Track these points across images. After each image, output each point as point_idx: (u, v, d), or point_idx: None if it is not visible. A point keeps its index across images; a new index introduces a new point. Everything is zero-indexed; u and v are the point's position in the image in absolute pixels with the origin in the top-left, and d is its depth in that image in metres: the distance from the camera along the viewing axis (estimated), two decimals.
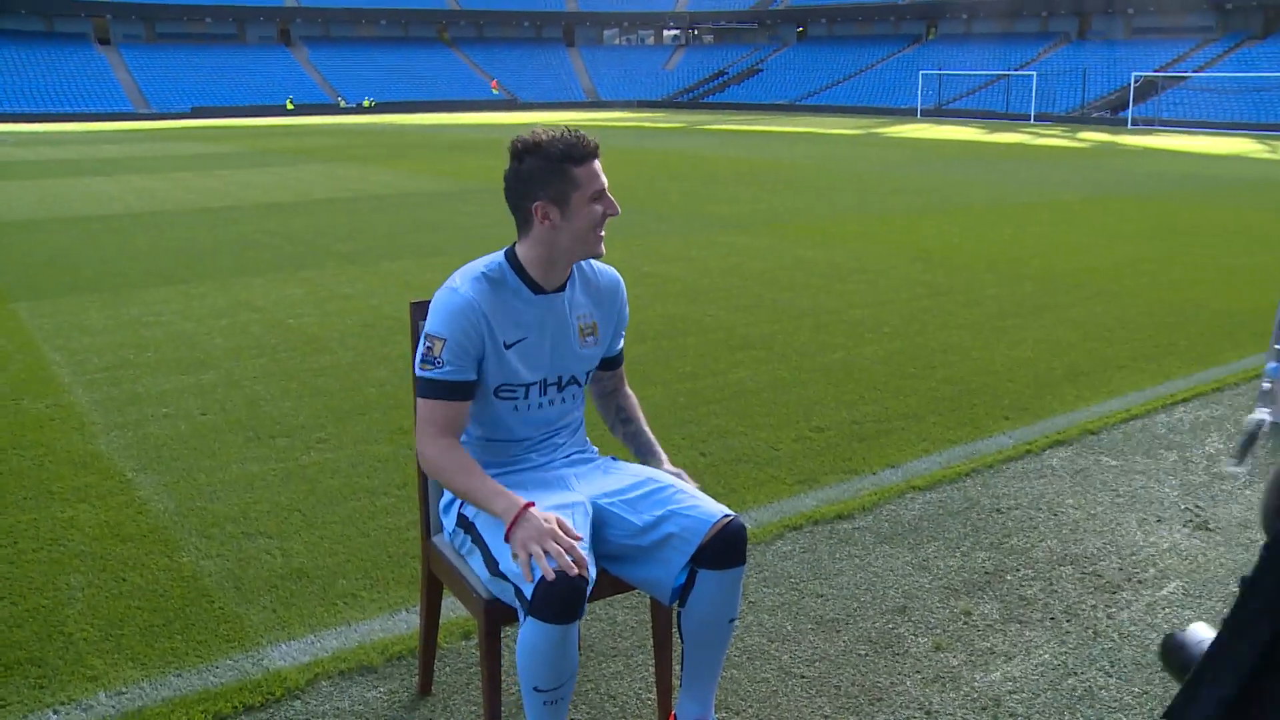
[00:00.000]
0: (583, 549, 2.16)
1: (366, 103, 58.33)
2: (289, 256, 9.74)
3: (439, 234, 11.30)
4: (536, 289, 2.35)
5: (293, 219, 12.61)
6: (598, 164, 2.28)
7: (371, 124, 43.35)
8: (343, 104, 58.36)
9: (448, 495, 2.49)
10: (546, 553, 2.08)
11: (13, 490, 4.08)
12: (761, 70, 67.49)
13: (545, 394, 2.41)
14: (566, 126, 2.30)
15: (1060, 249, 10.11)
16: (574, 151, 2.24)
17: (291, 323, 6.96)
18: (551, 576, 2.05)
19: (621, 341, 2.58)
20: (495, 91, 63.37)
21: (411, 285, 8.27)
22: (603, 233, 2.32)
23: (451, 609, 3.08)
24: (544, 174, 2.25)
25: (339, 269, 9.05)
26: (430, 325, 2.29)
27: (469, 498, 2.27)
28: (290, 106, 56.00)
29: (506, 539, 2.15)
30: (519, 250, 2.35)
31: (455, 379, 2.28)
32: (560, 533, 2.12)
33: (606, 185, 2.30)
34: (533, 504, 2.18)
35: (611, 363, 2.58)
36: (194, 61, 60.03)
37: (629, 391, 2.65)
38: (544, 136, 2.26)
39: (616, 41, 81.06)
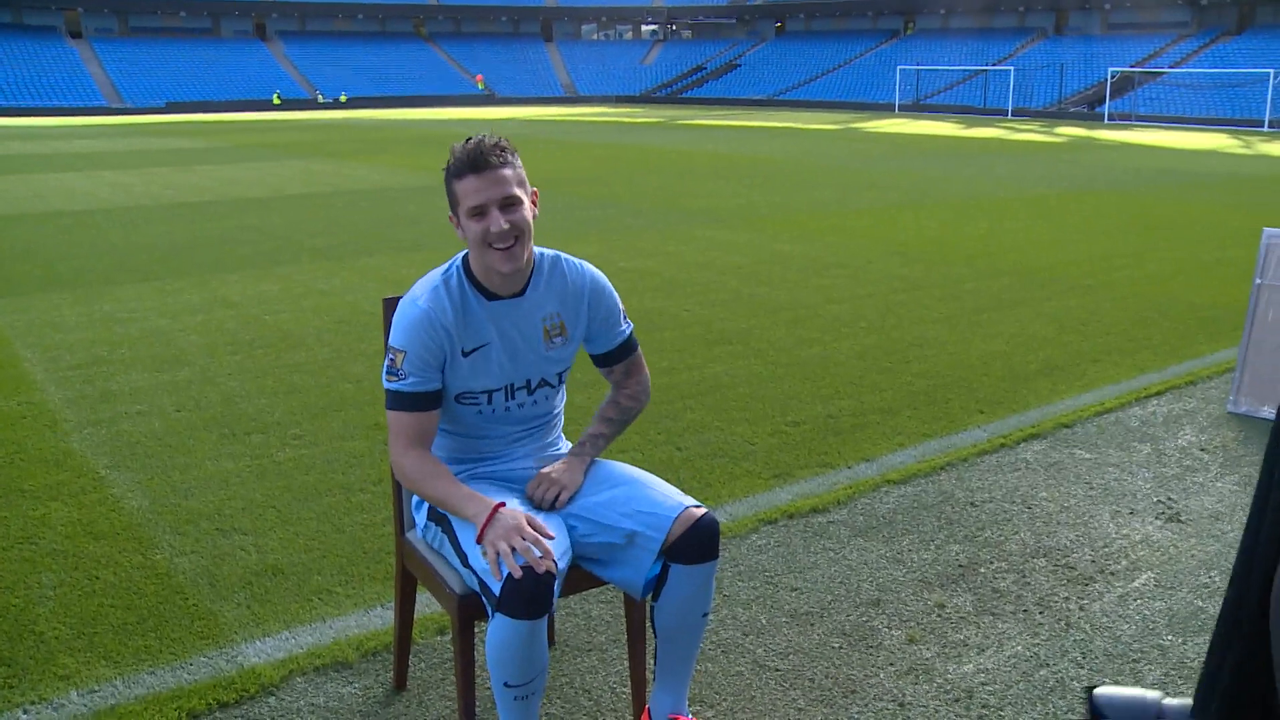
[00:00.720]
0: (553, 546, 2.17)
1: (341, 98, 58.04)
2: (265, 252, 9.69)
3: (416, 228, 11.27)
4: (490, 295, 2.33)
5: (269, 214, 12.55)
6: (479, 179, 2.21)
7: (348, 119, 43.14)
8: (321, 99, 58.06)
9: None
10: (515, 550, 2.08)
11: None
12: (739, 65, 67.54)
13: (513, 398, 2.40)
14: (482, 136, 2.27)
15: (1036, 243, 10.17)
16: (458, 166, 2.24)
17: (267, 319, 6.94)
18: (519, 574, 2.05)
19: (619, 338, 2.51)
20: (480, 86, 63.14)
21: (388, 280, 8.25)
22: (500, 247, 2.23)
23: (426, 604, 3.09)
24: (446, 187, 2.30)
25: (315, 265, 9.02)
26: (392, 338, 2.31)
27: (443, 504, 2.28)
28: (277, 101, 55.63)
29: (479, 541, 2.16)
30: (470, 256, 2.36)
31: (419, 390, 2.29)
32: (529, 529, 2.13)
33: (494, 199, 2.22)
34: (504, 504, 2.19)
35: (607, 359, 2.52)
36: (168, 56, 59.50)
37: (632, 392, 2.55)
38: (453, 148, 2.28)
39: (594, 36, 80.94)
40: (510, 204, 2.23)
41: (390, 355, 2.30)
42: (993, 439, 4.63)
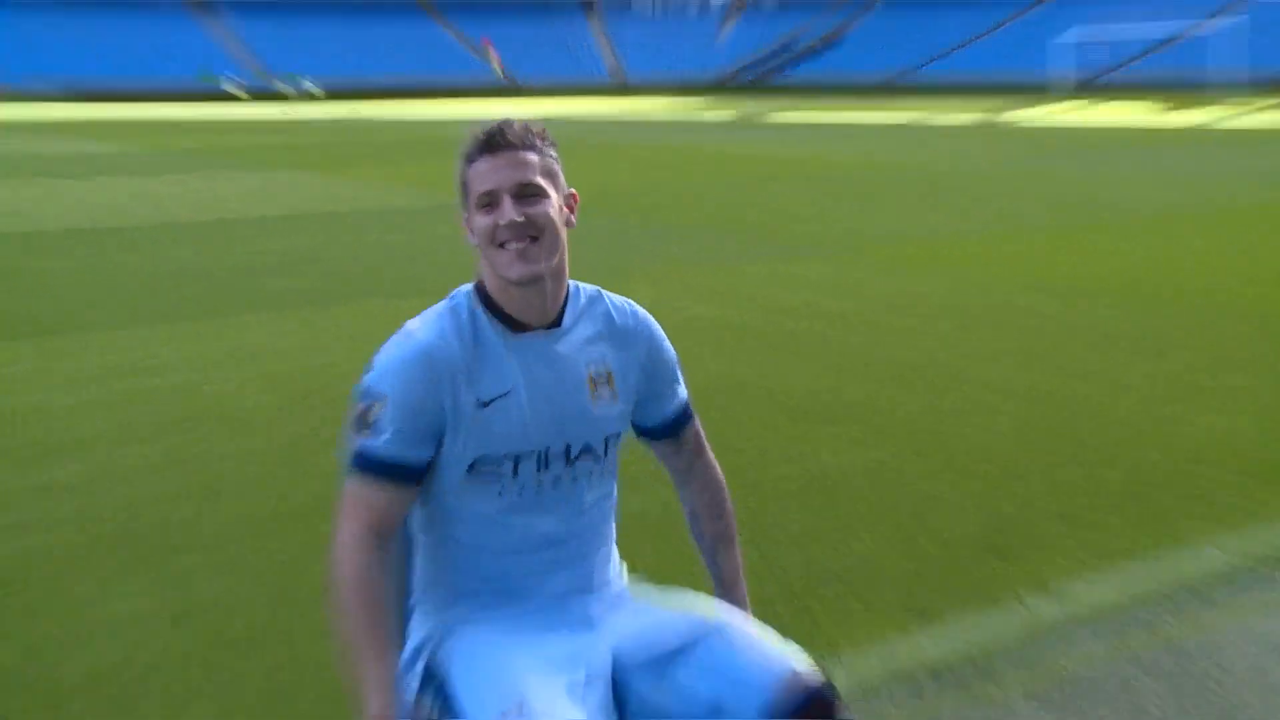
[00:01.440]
0: None
1: (308, 85, 58.62)
2: (201, 298, 9.79)
3: (413, 266, 11.41)
4: (517, 326, 2.38)
5: (208, 247, 12.78)
6: (493, 159, 2.31)
7: (319, 116, 44.11)
8: (282, 88, 59.14)
9: (410, 646, 2.45)
10: None
11: None
12: (842, 40, 68.37)
13: (546, 468, 2.39)
14: (507, 119, 2.36)
15: (1273, 274, 10.04)
16: (472, 146, 2.34)
17: (207, 389, 6.95)
18: None
19: (677, 400, 2.59)
20: (493, 66, 64.07)
21: (372, 338, 8.16)
22: (511, 246, 2.30)
23: None
24: (457, 178, 2.38)
25: (272, 316, 9.10)
26: (370, 379, 2.34)
27: (349, 663, 2.22)
28: (238, 93, 56.25)
29: None
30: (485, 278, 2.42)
31: (396, 457, 2.29)
32: None
33: (507, 185, 2.30)
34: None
35: (666, 430, 2.59)
36: (68, 25, 60.68)
37: (714, 477, 2.66)
38: (472, 131, 2.38)
39: (650, 9, 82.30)
40: (528, 193, 2.30)
41: (363, 403, 2.32)
42: (1233, 562, 4.44)
